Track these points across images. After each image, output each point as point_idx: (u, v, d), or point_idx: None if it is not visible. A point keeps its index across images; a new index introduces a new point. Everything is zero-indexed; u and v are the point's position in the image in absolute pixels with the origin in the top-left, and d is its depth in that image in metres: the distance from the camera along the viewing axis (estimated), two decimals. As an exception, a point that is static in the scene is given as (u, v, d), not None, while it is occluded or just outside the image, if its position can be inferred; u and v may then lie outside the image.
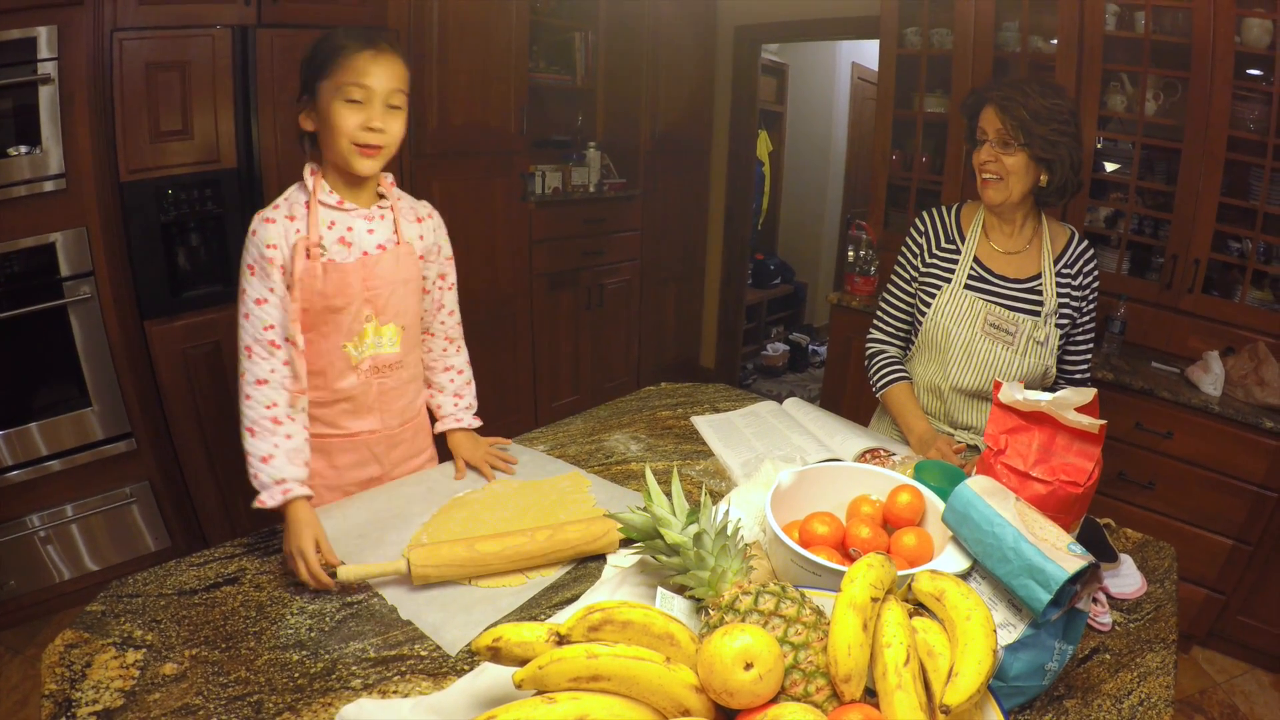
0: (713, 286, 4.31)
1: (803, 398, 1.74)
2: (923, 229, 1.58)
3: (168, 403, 2.21)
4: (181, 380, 2.22)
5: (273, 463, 1.14)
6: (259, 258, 1.17)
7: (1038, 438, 1.04)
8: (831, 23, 3.51)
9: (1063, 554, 0.82)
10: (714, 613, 0.79)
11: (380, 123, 1.15)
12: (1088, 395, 1.01)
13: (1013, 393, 1.05)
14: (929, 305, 1.54)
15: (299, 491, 1.13)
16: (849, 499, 1.09)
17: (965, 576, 0.91)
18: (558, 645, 0.74)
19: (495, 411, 1.85)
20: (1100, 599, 1.06)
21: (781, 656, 0.71)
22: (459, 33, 2.65)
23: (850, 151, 5.14)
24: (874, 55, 3.01)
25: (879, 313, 1.68)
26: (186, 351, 2.22)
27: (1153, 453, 2.22)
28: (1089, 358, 1.56)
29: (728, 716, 0.73)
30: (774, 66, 4.85)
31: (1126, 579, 1.13)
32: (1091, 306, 1.52)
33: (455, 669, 0.89)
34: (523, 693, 0.73)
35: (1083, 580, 0.82)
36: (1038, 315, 1.47)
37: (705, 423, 1.61)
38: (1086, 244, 1.50)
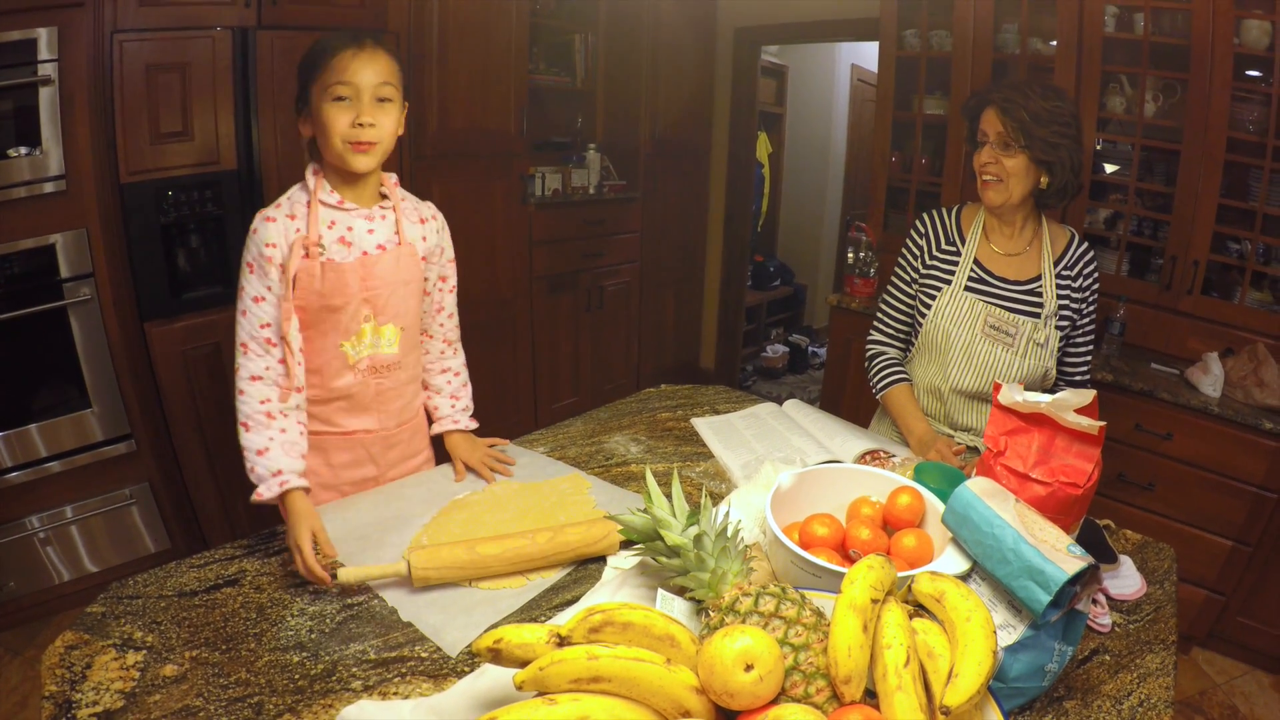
0: (712, 288, 4.31)
1: (802, 399, 1.74)
2: (923, 231, 1.58)
3: (167, 404, 2.21)
4: (181, 382, 2.22)
5: (269, 455, 1.15)
6: (258, 256, 1.17)
7: (1037, 439, 1.04)
8: (831, 25, 3.51)
9: (1062, 555, 0.82)
10: (714, 614, 0.79)
11: (370, 117, 1.15)
12: (1087, 397, 1.01)
13: (1012, 394, 1.05)
14: (929, 307, 1.54)
15: (296, 483, 1.13)
16: (849, 501, 1.09)
17: (965, 578, 0.91)
18: (558, 647, 0.74)
19: (495, 413, 1.85)
20: (1100, 600, 1.06)
21: (782, 658, 0.71)
22: (459, 34, 2.66)
23: (850, 153, 5.14)
24: (873, 57, 3.01)
25: (879, 314, 1.68)
26: (186, 353, 2.22)
27: (1152, 454, 2.22)
28: (1089, 359, 1.57)
29: (728, 718, 0.73)
30: (774, 68, 4.86)
31: (1126, 580, 1.13)
32: (1091, 308, 1.52)
33: (456, 670, 0.89)
34: (523, 694, 0.73)
35: (1082, 581, 0.82)
36: (1038, 317, 1.47)
37: (705, 424, 1.61)
38: (1086, 246, 1.51)
